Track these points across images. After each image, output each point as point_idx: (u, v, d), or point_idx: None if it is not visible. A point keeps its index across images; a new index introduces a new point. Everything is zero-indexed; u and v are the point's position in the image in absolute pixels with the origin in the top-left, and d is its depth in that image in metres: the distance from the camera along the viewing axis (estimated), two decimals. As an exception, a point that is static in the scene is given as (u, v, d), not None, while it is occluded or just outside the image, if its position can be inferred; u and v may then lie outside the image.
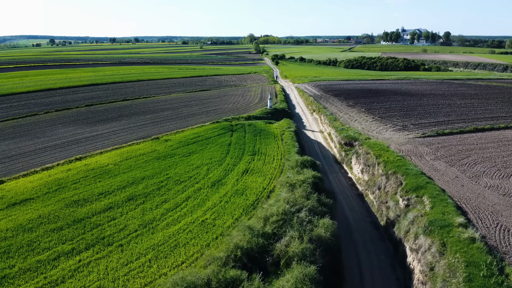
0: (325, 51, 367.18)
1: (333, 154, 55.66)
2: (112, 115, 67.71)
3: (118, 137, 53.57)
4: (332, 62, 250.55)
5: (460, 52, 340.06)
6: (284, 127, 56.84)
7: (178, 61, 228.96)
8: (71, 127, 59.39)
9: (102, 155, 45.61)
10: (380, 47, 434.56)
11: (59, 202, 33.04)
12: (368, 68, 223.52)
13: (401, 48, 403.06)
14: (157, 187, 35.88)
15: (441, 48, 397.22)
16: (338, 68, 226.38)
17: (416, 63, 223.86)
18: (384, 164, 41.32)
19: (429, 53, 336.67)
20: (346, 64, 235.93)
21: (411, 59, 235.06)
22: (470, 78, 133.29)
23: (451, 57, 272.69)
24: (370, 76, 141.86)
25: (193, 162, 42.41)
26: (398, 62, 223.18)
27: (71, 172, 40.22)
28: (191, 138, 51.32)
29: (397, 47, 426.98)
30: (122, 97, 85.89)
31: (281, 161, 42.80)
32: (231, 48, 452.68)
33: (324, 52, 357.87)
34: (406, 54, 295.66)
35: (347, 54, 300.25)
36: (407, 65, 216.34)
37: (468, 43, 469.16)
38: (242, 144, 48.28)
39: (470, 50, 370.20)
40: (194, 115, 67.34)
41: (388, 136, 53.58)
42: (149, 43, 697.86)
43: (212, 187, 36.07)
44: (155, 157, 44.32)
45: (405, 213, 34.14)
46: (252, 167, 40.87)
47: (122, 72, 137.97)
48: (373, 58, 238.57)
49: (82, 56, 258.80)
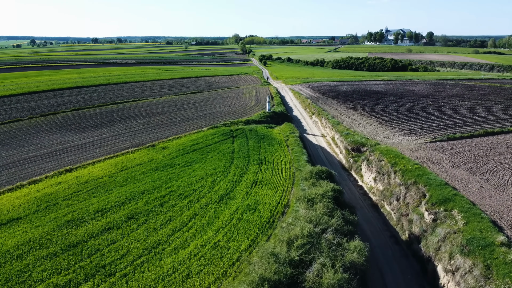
0: (311, 52, 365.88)
1: (339, 160, 52.83)
2: (101, 120, 63.66)
3: (110, 145, 49.75)
4: (320, 62, 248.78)
5: (444, 52, 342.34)
6: (287, 132, 53.81)
7: (164, 62, 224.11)
8: (59, 134, 55.27)
9: (94, 166, 41.85)
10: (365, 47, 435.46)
11: (50, 223, 29.36)
12: (355, 68, 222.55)
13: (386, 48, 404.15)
14: (159, 203, 32.41)
15: (425, 48, 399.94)
16: (326, 68, 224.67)
17: (403, 63, 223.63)
18: (401, 173, 38.56)
19: (414, 53, 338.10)
20: (333, 64, 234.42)
21: (398, 59, 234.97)
22: (462, 78, 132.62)
23: (437, 57, 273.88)
24: (361, 76, 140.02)
25: (196, 172, 39.00)
26: (386, 62, 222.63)
27: (61, 186, 36.45)
28: (190, 146, 47.83)
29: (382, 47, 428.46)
30: (111, 100, 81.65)
31: (291, 171, 39.71)
32: (217, 48, 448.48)
33: (310, 52, 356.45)
34: (393, 54, 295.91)
35: (335, 55, 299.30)
36: (395, 65, 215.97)
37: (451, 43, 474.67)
38: (246, 152, 45.02)
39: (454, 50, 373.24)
40: (190, 120, 63.77)
41: (397, 141, 51.00)
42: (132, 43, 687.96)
43: (220, 202, 32.76)
44: (153, 167, 40.76)
45: (432, 228, 31.41)
46: (261, 178, 37.68)
47: (108, 73, 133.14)
48: (361, 58, 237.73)
49: (65, 57, 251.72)
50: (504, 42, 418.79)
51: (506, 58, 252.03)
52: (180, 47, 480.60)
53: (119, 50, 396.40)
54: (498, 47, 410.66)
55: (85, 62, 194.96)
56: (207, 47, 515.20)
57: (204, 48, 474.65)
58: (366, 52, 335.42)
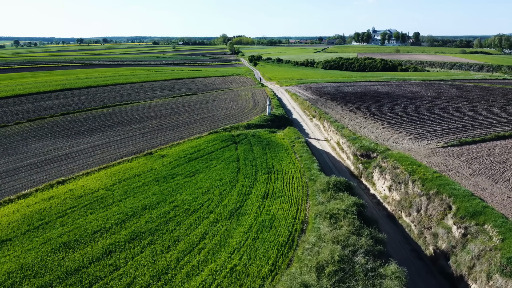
0: (300, 52, 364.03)
1: (346, 166, 50.34)
2: (93, 126, 60.15)
3: (104, 153, 46.46)
4: (310, 63, 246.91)
5: (432, 52, 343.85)
6: (292, 138, 51.16)
7: (153, 62, 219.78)
8: (48, 141, 51.71)
9: (89, 177, 38.60)
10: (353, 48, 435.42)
11: (44, 245, 26.19)
12: (346, 69, 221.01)
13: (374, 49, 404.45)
14: (164, 220, 29.41)
15: (413, 48, 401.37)
16: (316, 69, 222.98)
17: (393, 63, 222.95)
18: (421, 182, 36.17)
19: (402, 53, 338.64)
20: (324, 65, 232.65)
21: (388, 59, 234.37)
22: (455, 79, 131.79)
23: (426, 57, 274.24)
24: (355, 77, 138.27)
25: (201, 184, 36.05)
26: (376, 62, 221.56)
27: (54, 201, 33.19)
28: (191, 153, 44.80)
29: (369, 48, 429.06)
30: (101, 103, 78.00)
31: (302, 180, 37.01)
32: (205, 49, 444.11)
33: (299, 53, 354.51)
34: (382, 55, 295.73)
35: (324, 55, 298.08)
36: (385, 66, 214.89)
37: (437, 43, 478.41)
38: (252, 160, 42.18)
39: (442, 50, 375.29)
40: (187, 124, 60.66)
41: (407, 146, 48.71)
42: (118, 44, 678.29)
43: (231, 218, 29.90)
44: (153, 178, 37.68)
45: (463, 244, 29.04)
46: (272, 189, 34.90)
47: (96, 75, 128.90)
48: (351, 59, 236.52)
49: (50, 58, 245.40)
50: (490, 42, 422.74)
51: (495, 58, 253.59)
52: (167, 47, 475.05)
53: (105, 50, 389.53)
54: (484, 47, 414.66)
55: (71, 63, 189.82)
56: (195, 47, 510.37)
57: (192, 48, 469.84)
58: (355, 52, 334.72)
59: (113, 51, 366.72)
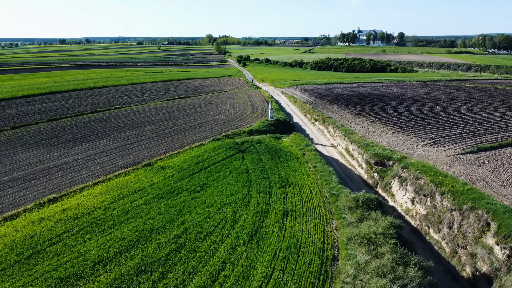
0: (287, 53, 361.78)
1: (358, 175, 47.26)
2: (83, 133, 55.87)
3: (98, 165, 42.43)
4: (299, 63, 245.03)
5: (418, 52, 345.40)
6: (301, 145, 47.86)
7: (139, 63, 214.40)
8: (35, 151, 47.38)
9: (83, 193, 34.64)
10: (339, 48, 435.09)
11: (37, 281, 22.38)
12: (335, 69, 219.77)
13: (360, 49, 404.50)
14: (175, 247, 25.73)
15: (399, 49, 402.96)
16: (305, 69, 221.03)
17: (382, 63, 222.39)
18: (451, 196, 33.16)
19: (389, 53, 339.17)
20: (313, 65, 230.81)
21: (377, 59, 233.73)
22: (449, 79, 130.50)
23: (415, 58, 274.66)
24: (349, 78, 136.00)
25: (210, 201, 32.42)
26: (365, 63, 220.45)
27: (46, 223, 29.22)
28: (194, 164, 41.09)
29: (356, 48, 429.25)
30: (90, 108, 73.53)
31: (322, 195, 33.69)
32: (191, 49, 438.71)
33: (286, 53, 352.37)
34: (369, 55, 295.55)
35: (312, 56, 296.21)
36: (374, 66, 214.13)
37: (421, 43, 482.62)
38: (263, 171, 38.69)
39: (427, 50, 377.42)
40: (185, 130, 56.83)
41: (423, 153, 45.85)
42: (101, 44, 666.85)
43: (251, 242, 26.38)
44: (156, 194, 33.91)
45: (508, 266, 26.05)
46: (291, 206, 31.48)
47: (82, 76, 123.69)
48: (340, 59, 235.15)
49: (32, 59, 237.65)
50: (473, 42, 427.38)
51: (482, 58, 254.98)
52: (152, 48, 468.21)
53: (88, 51, 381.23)
54: (468, 46, 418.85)
55: (55, 64, 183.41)
56: (180, 47, 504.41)
57: (177, 48, 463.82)
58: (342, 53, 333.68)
59: (97, 52, 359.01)
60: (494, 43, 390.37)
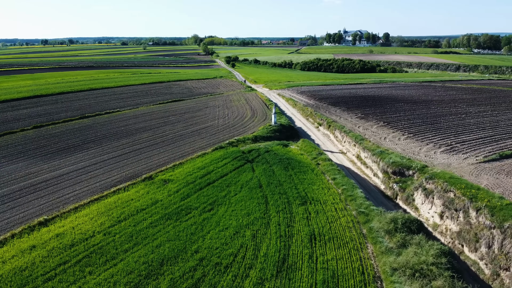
0: (275, 53, 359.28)
1: (374, 185, 44.04)
2: (73, 141, 51.49)
3: (92, 179, 38.30)
4: (288, 64, 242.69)
5: (404, 52, 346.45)
6: (312, 153, 44.48)
7: (125, 64, 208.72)
8: (21, 163, 42.94)
9: (78, 214, 30.61)
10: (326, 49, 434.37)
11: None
12: (324, 70, 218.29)
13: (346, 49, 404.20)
14: (192, 283, 22.02)
15: (385, 49, 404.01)
16: (295, 70, 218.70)
17: (371, 64, 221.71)
18: (489, 211, 30.06)
19: (376, 53, 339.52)
20: (302, 66, 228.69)
21: (366, 60, 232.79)
22: (443, 80, 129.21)
23: (403, 58, 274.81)
24: (343, 79, 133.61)
25: (225, 222, 28.71)
26: (354, 63, 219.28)
27: (37, 252, 25.21)
28: (200, 177, 37.29)
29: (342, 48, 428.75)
30: (79, 112, 68.94)
31: (348, 213, 30.29)
32: (177, 49, 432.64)
33: (273, 54, 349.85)
34: (358, 55, 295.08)
35: (301, 56, 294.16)
36: (363, 67, 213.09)
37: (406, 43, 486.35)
38: (278, 185, 35.10)
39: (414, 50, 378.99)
40: (184, 137, 52.90)
41: (443, 161, 42.87)
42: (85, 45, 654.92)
43: (279, 275, 22.79)
44: (162, 215, 30.06)
45: None
46: (317, 228, 27.96)
47: (68, 78, 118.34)
48: (329, 60, 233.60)
49: (14, 60, 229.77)
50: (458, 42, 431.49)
51: (471, 58, 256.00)
52: (138, 48, 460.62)
53: (72, 52, 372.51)
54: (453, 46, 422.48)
55: (38, 66, 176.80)
56: (166, 47, 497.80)
57: (163, 48, 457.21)
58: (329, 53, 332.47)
59: (80, 52, 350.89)
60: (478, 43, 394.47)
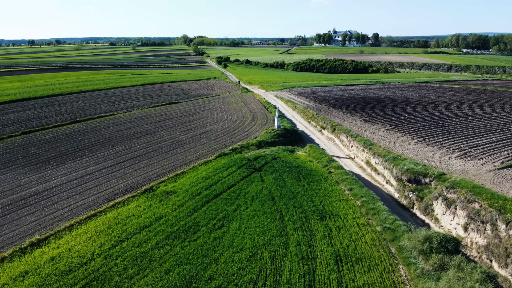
0: (266, 53, 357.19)
1: (388, 193, 41.73)
2: (65, 148, 48.30)
3: (88, 191, 35.30)
4: (280, 64, 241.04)
5: (395, 52, 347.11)
6: (322, 160, 42.02)
7: (114, 65, 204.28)
8: (10, 173, 39.72)
9: (74, 233, 27.72)
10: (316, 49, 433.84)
11: None
12: (317, 70, 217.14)
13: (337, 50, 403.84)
14: (210, 317, 19.23)
15: (375, 49, 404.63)
16: (287, 71, 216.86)
17: (364, 64, 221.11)
18: (522, 225, 27.79)
19: (366, 54, 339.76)
20: (294, 67, 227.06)
21: (358, 60, 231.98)
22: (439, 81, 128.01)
23: (395, 58, 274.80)
24: (339, 80, 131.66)
25: (239, 242, 26.01)
26: (347, 64, 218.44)
27: (31, 279, 22.39)
28: (205, 188, 34.55)
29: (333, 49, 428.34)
30: (69, 116, 65.56)
31: (372, 229, 27.85)
32: (167, 50, 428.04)
33: (264, 54, 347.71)
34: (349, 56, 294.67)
35: (294, 57, 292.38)
36: (356, 67, 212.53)
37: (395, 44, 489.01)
38: (292, 198, 32.50)
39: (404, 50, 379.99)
40: (184, 143, 50.02)
41: (460, 167, 40.73)
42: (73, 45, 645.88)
43: (307, 304, 20.14)
44: (168, 233, 27.27)
45: None
46: (342, 248, 25.42)
47: (56, 80, 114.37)
48: (321, 60, 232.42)
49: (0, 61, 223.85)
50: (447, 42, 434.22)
51: (462, 58, 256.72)
52: (127, 49, 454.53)
53: (59, 52, 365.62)
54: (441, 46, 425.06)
55: (25, 67, 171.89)
56: (155, 48, 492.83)
57: (152, 49, 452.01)
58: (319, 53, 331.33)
59: (68, 53, 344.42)
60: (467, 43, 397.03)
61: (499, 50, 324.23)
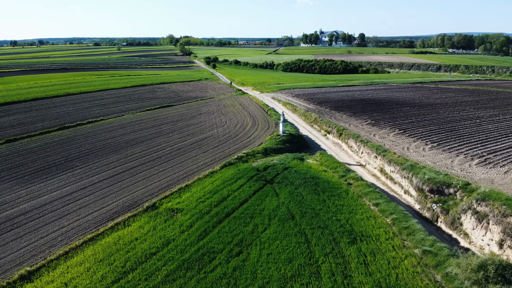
0: (253, 54, 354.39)
1: (407, 203, 38.82)
2: (54, 159, 44.27)
3: (82, 209, 31.54)
4: (269, 65, 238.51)
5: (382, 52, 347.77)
6: (338, 170, 38.92)
7: (101, 66, 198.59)
8: (-8, 189, 35.68)
9: (70, 262, 24.04)
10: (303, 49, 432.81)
11: None
12: (307, 71, 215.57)
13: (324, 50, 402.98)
14: None
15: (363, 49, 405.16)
16: (277, 71, 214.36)
17: (354, 65, 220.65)
18: None
19: (354, 54, 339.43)
20: (284, 67, 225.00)
21: (348, 61, 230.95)
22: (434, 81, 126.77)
23: (384, 58, 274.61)
24: (333, 81, 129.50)
25: (262, 273, 22.64)
26: (337, 64, 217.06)
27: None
28: (214, 204, 31.09)
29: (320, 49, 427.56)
30: (57, 122, 61.28)
31: (409, 252, 24.81)
32: (153, 50, 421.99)
33: (252, 54, 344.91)
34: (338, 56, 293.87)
35: (284, 57, 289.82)
36: (346, 68, 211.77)
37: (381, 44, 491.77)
38: (314, 216, 29.21)
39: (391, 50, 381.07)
40: (183, 151, 46.40)
41: (483, 175, 38.08)
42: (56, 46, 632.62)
43: None
44: (179, 262, 23.77)
45: None
46: (382, 279, 22.28)
47: (41, 82, 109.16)
48: (311, 61, 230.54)
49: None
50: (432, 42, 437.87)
51: (450, 58, 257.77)
52: (112, 49, 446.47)
53: (43, 53, 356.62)
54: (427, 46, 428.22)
55: (7, 68, 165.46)
56: (141, 48, 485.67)
57: (138, 49, 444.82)
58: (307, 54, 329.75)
59: (52, 54, 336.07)
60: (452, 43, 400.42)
61: (485, 49, 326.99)
